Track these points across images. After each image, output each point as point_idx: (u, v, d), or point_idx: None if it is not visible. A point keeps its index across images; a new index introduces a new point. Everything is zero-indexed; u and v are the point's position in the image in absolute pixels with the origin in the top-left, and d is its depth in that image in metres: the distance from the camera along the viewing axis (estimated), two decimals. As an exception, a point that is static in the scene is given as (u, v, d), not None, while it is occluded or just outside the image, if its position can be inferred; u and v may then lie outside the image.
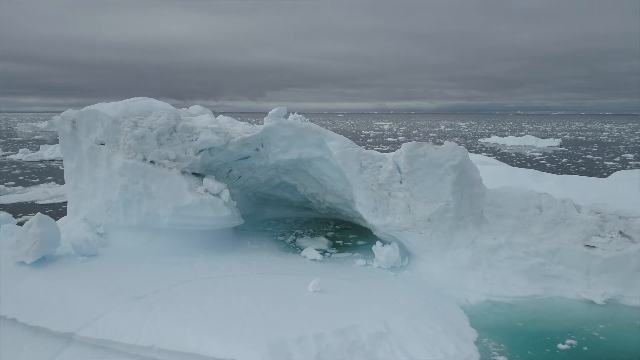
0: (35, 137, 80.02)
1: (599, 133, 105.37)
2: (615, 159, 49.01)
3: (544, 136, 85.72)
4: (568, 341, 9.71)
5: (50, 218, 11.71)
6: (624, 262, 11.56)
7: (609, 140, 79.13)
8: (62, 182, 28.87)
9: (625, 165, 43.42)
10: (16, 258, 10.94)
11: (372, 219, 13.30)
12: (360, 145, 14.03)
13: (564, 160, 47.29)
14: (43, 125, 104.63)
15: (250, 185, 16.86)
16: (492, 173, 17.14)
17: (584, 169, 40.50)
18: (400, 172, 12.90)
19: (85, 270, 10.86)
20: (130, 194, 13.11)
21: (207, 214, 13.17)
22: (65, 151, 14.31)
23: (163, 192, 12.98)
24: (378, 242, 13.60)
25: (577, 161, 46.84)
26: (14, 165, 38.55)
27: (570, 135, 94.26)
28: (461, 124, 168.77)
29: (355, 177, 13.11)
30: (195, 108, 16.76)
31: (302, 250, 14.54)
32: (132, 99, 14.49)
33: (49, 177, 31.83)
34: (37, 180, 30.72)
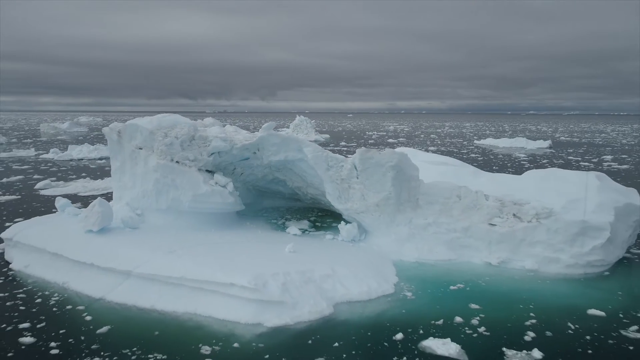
0: (59, 137, 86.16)
1: (597, 134, 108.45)
2: (594, 160, 52.85)
3: (542, 137, 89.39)
4: (458, 285, 14.33)
5: (106, 201, 16.62)
6: (513, 235, 16.12)
7: (600, 142, 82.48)
8: (96, 178, 34.10)
9: (598, 165, 47.33)
10: (85, 228, 15.85)
11: (337, 205, 18.03)
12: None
13: (545, 161, 51.15)
14: (64, 125, 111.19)
15: (250, 180, 21.68)
16: (442, 171, 21.64)
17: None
18: (356, 169, 17.57)
19: (133, 236, 15.80)
20: (161, 185, 17.92)
21: (216, 200, 17.95)
22: (112, 154, 19.21)
23: (185, 184, 17.79)
24: (342, 222, 18.33)
25: (557, 162, 50.68)
26: (49, 164, 43.83)
27: (566, 137, 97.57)
28: (466, 124, 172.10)
29: (324, 173, 17.83)
30: (208, 120, 21.65)
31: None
32: (161, 114, 19.34)
33: (83, 174, 37.00)
34: (74, 176, 35.86)
